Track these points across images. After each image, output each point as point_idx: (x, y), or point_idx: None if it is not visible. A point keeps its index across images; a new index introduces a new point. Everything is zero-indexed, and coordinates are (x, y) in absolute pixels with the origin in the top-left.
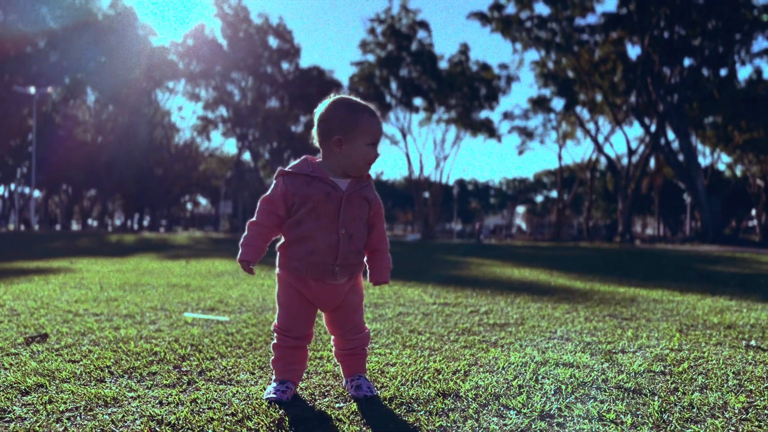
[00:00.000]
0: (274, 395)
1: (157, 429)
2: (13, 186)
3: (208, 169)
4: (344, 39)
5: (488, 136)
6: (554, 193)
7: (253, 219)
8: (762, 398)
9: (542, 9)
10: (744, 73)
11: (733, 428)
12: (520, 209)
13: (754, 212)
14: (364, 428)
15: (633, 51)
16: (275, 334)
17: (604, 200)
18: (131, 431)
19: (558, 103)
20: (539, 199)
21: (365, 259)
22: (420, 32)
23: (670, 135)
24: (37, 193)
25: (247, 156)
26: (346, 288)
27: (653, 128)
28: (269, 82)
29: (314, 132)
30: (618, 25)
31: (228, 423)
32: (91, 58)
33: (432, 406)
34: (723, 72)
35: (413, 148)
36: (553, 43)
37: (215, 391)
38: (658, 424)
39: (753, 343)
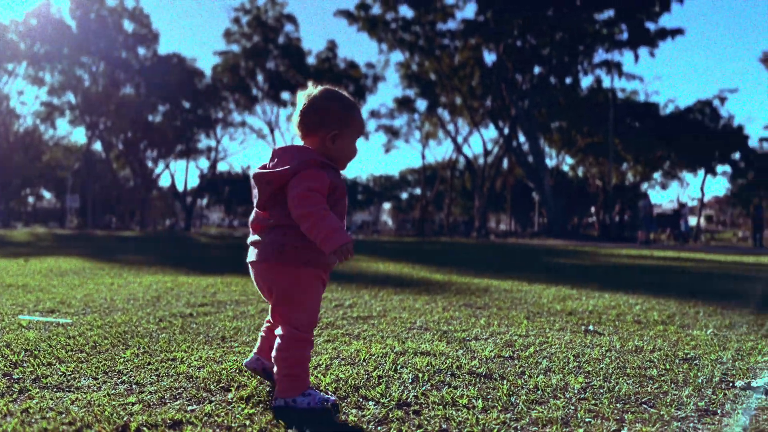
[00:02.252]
0: (329, 401)
1: None
2: None
3: (53, 160)
4: (207, 27)
5: None
6: (418, 191)
7: (318, 209)
8: (598, 378)
9: (407, 11)
10: (586, 82)
11: (572, 407)
12: (387, 206)
13: (593, 210)
14: (218, 429)
15: (489, 57)
16: (303, 339)
17: (463, 198)
18: None
19: (421, 104)
20: (404, 196)
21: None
22: (287, 26)
23: (521, 137)
24: None
25: (98, 146)
26: None
27: (506, 131)
28: (123, 67)
29: (297, 120)
30: (476, 32)
31: None
32: None
33: None
34: (568, 80)
35: (281, 142)
36: (416, 45)
37: (51, 399)
38: (506, 407)
39: (591, 327)
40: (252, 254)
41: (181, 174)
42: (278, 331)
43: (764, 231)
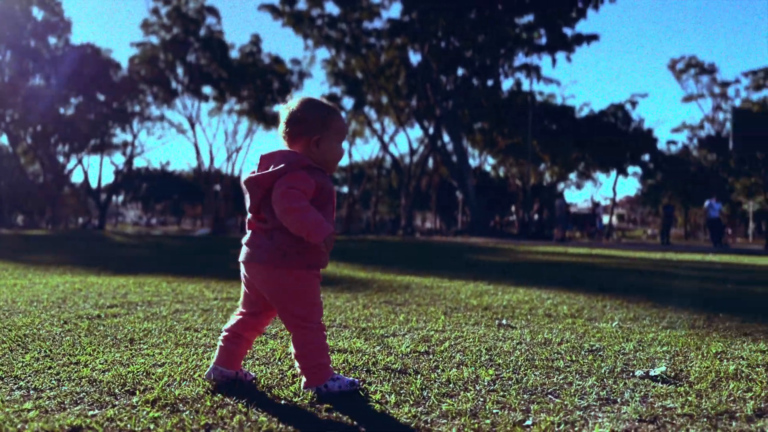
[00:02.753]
0: (355, 383)
1: None
2: None
3: None
4: (124, 17)
5: None
6: (345, 189)
7: (300, 204)
8: (507, 370)
9: (332, 8)
10: (507, 84)
11: (482, 399)
12: None
13: (513, 208)
14: None
15: (415, 58)
16: (317, 328)
17: (389, 196)
18: None
19: (348, 102)
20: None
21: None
22: (209, 18)
23: (446, 137)
24: None
25: (4, 139)
26: None
27: (431, 131)
28: (32, 57)
29: (283, 130)
30: (401, 32)
31: None
32: None
33: (199, 405)
34: (490, 83)
35: (203, 138)
36: (342, 43)
37: None
38: (418, 401)
39: (504, 321)
40: (247, 255)
41: (95, 170)
42: (290, 330)
43: (671, 229)
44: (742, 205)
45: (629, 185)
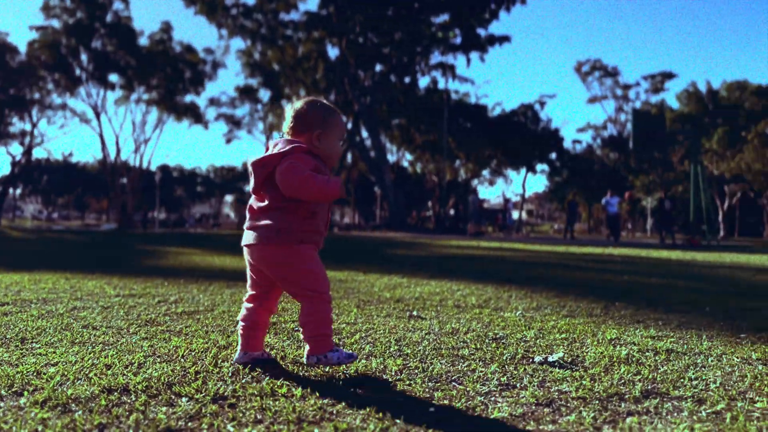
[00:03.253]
0: (350, 358)
1: None
2: None
3: None
4: None
5: (194, 121)
6: None
7: (306, 174)
8: (414, 360)
9: None
10: (423, 82)
11: (388, 389)
12: (229, 198)
13: (430, 204)
14: None
15: (333, 52)
16: (325, 299)
17: None
18: None
19: (265, 95)
20: (248, 188)
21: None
22: (116, 3)
23: (364, 133)
24: None
25: None
26: None
27: (350, 126)
28: None
29: (288, 126)
30: (319, 25)
31: None
32: None
33: (93, 404)
34: (407, 80)
35: (108, 129)
36: (258, 33)
37: None
38: (325, 393)
39: (415, 313)
40: (249, 237)
41: None
42: (299, 300)
43: (576, 224)
44: (641, 202)
45: (538, 182)
